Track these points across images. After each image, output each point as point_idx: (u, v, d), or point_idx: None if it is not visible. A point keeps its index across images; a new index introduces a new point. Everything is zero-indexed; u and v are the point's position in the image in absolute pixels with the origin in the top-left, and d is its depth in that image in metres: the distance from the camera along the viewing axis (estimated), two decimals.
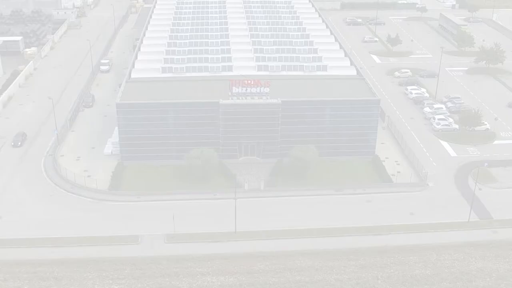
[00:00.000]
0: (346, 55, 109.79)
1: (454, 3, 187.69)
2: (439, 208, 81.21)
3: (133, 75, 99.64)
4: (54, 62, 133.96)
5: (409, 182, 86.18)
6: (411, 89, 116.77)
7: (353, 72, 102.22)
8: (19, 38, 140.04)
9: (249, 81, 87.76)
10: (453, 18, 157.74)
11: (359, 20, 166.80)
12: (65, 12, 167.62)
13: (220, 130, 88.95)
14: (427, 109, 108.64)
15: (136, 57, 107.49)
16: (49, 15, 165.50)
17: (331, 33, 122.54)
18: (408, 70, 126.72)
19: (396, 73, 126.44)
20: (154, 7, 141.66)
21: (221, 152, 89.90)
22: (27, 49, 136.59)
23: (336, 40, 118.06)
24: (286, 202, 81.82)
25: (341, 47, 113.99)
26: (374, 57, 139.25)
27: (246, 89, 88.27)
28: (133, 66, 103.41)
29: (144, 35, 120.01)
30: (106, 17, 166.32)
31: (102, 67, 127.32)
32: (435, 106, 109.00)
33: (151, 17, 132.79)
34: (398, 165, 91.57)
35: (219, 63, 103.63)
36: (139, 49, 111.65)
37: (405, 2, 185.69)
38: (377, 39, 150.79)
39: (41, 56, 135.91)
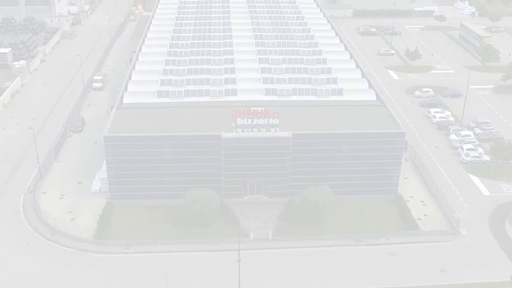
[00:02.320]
0: (363, 75, 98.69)
1: (474, 10, 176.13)
2: (475, 262, 70.15)
3: (125, 100, 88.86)
4: (43, 77, 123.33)
5: (438, 230, 75.13)
6: (435, 112, 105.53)
7: (372, 96, 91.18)
8: (7, 50, 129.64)
9: (255, 112, 76.88)
10: (475, 29, 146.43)
11: (373, 29, 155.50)
12: (59, 20, 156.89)
13: (222, 167, 78.17)
14: (453, 137, 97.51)
15: (129, 77, 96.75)
16: (42, 22, 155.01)
17: (346, 48, 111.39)
18: (430, 89, 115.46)
19: (417, 93, 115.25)
20: (153, 16, 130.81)
21: (223, 190, 79.22)
22: (15, 62, 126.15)
23: (351, 57, 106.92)
24: (297, 254, 70.88)
25: (357, 65, 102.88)
26: (391, 72, 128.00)
27: (252, 121, 77.45)
28: (125, 88, 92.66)
29: (140, 50, 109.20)
30: (103, 26, 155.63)
31: (95, 84, 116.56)
32: (462, 133, 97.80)
33: (148, 28, 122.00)
34: (425, 206, 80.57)
35: (222, 85, 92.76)
36: (133, 68, 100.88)
37: (421, 9, 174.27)
38: (393, 51, 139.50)
39: (30, 70, 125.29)
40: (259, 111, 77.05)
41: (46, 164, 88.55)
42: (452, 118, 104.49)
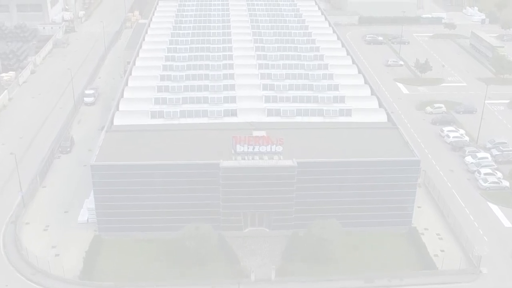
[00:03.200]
0: (373, 92, 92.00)
1: (484, 17, 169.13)
2: None
3: (116, 120, 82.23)
4: (33, 90, 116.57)
5: (457, 269, 68.38)
6: (448, 131, 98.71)
7: (382, 117, 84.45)
8: None
9: (257, 139, 70.19)
10: (487, 38, 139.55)
11: (380, 38, 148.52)
12: (51, 27, 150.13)
13: (221, 197, 71.47)
14: (469, 159, 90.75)
15: (122, 95, 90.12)
16: (34, 30, 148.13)
17: (353, 61, 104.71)
18: (442, 105, 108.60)
19: (428, 109, 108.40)
20: (149, 25, 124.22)
21: (221, 223, 72.61)
22: (3, 74, 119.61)
23: (359, 71, 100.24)
24: None
25: (366, 81, 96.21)
26: (400, 85, 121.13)
27: (254, 148, 70.76)
28: (117, 107, 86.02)
29: (134, 63, 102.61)
30: (98, 33, 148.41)
31: (87, 99, 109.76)
32: (479, 155, 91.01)
33: (143, 39, 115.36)
34: (441, 240, 73.86)
35: (220, 104, 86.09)
36: (126, 83, 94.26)
37: (430, 16, 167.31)
38: (402, 62, 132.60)
39: (19, 82, 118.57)
40: (261, 137, 70.25)
41: (31, 189, 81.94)
42: (466, 138, 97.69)
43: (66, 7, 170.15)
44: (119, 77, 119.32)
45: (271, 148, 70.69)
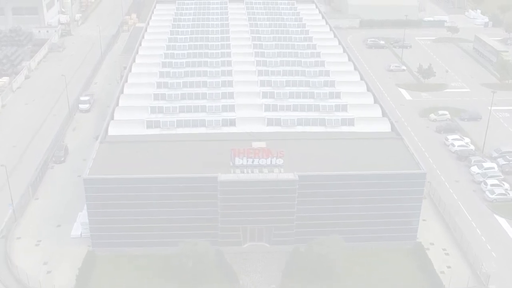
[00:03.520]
0: (375, 100, 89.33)
1: (487, 20, 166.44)
2: None
3: (110, 130, 79.46)
4: (27, 96, 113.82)
5: (465, 287, 65.73)
6: (453, 140, 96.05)
7: (386, 126, 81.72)
8: None
9: (256, 151, 67.48)
10: (491, 42, 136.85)
11: (382, 42, 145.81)
12: (47, 31, 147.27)
13: (219, 212, 68.76)
14: (475, 169, 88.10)
15: (117, 103, 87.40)
16: (29, 33, 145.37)
17: (355, 67, 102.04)
18: (446, 112, 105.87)
19: (432, 116, 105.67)
20: (146, 30, 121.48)
21: (219, 238, 69.94)
22: None
23: (361, 78, 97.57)
24: None
25: (368, 88, 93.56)
26: (403, 91, 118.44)
27: (253, 161, 68.07)
28: (112, 116, 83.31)
29: (130, 69, 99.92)
30: (94, 37, 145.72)
31: (82, 106, 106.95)
32: (485, 165, 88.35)
33: (140, 44, 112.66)
34: (448, 256, 71.18)
35: (219, 113, 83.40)
36: (121, 91, 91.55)
37: (432, 19, 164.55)
38: (404, 67, 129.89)
39: (13, 88, 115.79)
40: (261, 150, 67.54)
41: (23, 202, 79.25)
42: (472, 146, 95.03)
43: (63, 9, 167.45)
44: (116, 82, 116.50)
45: (271, 161, 68.02)
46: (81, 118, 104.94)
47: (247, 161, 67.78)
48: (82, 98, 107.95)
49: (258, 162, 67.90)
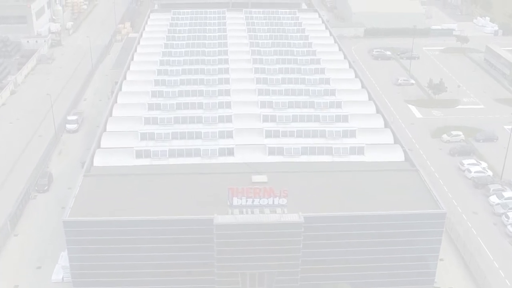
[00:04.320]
0: (386, 124, 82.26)
1: (497, 29, 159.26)
2: None
3: (96, 161, 72.29)
4: (12, 114, 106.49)
5: None
6: (469, 165, 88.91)
7: (399, 155, 74.59)
8: None
9: (257, 191, 60.31)
10: (503, 53, 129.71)
11: (388, 53, 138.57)
12: (36, 41, 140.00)
13: (216, 257, 61.60)
14: (494, 199, 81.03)
15: (104, 127, 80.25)
16: (17, 44, 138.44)
17: (362, 85, 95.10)
18: (460, 133, 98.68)
19: (445, 137, 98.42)
20: (138, 42, 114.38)
21: (216, 284, 62.79)
22: None
23: (370, 98, 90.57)
24: None
25: (378, 110, 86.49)
26: (412, 108, 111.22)
27: (253, 201, 60.90)
28: (98, 144, 76.13)
29: (120, 88, 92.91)
30: (86, 47, 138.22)
31: (69, 126, 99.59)
32: (505, 194, 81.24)
33: (132, 58, 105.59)
34: None
35: (215, 140, 76.31)
36: (110, 113, 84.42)
37: (440, 27, 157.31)
38: (413, 81, 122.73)
39: None
40: (262, 190, 60.30)
41: (1, 238, 72.05)
42: (489, 172, 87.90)
43: (54, 17, 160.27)
44: (107, 98, 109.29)
45: (273, 201, 60.82)
46: (68, 140, 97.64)
47: (247, 201, 60.57)
48: (69, 118, 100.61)
49: (259, 202, 60.70)
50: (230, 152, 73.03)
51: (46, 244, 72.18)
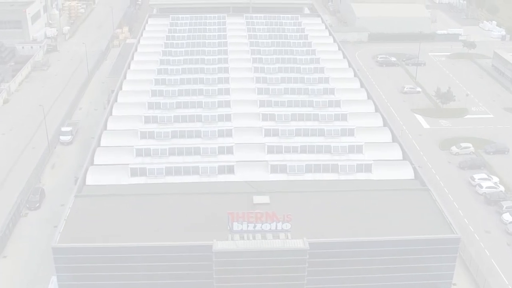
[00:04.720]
0: (394, 138, 78.49)
1: (504, 33, 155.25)
2: None
3: (89, 179, 68.52)
4: (4, 125, 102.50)
5: None
6: (480, 180, 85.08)
7: (408, 172, 70.79)
8: None
9: (259, 215, 56.47)
10: None
11: (393, 59, 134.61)
12: (31, 47, 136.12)
13: (215, 285, 57.79)
14: (507, 217, 77.22)
15: (98, 142, 76.48)
16: (12, 49, 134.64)
17: (368, 96, 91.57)
18: (470, 145, 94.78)
19: (454, 149, 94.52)
20: (136, 50, 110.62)
21: None
22: None
23: (377, 109, 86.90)
24: None
25: (385, 123, 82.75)
26: (420, 118, 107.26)
27: (255, 226, 57.07)
28: (91, 160, 72.35)
29: (115, 99, 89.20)
30: (82, 52, 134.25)
31: (63, 138, 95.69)
32: None
33: (129, 67, 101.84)
34: None
35: (215, 156, 72.58)
36: (105, 126, 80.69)
37: (445, 32, 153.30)
38: (419, 89, 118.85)
39: None
40: (264, 214, 56.43)
41: None
42: (502, 187, 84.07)
43: (50, 22, 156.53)
44: (102, 108, 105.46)
45: (276, 226, 56.96)
46: (62, 152, 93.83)
47: (248, 226, 56.73)
48: (63, 129, 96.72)
49: (261, 227, 56.83)
50: (230, 169, 69.22)
51: (36, 267, 68.32)
